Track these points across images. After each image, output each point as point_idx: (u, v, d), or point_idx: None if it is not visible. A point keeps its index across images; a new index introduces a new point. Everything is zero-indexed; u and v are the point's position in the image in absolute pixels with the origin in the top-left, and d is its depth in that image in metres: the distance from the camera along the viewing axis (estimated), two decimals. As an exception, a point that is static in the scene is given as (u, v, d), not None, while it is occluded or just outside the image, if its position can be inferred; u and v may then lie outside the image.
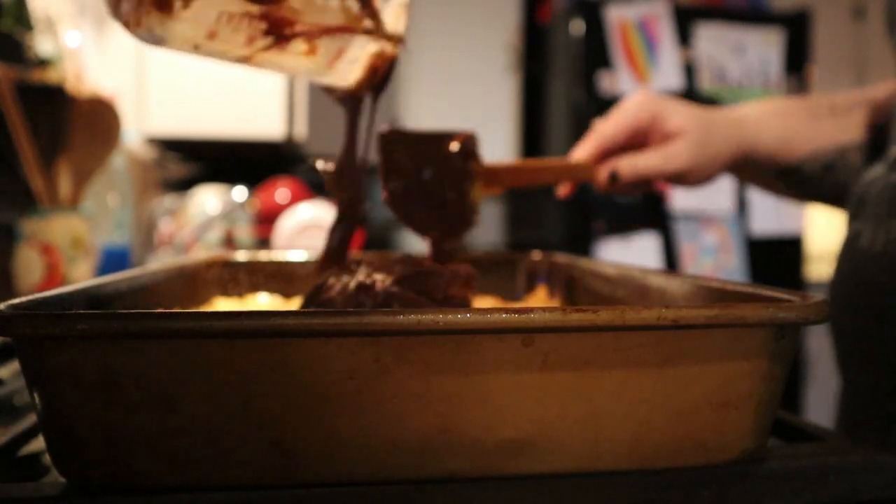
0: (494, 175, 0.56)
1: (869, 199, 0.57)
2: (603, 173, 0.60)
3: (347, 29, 0.40)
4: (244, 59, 0.40)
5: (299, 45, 0.39)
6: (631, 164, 0.59)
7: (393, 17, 0.43)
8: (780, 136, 0.62)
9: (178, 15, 0.36)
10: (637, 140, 0.61)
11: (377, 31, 0.42)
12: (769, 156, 0.62)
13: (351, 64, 0.43)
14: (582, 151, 0.62)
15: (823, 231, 2.66)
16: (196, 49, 0.39)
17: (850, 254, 0.58)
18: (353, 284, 0.42)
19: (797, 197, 0.68)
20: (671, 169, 0.59)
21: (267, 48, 0.39)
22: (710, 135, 0.60)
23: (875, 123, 0.62)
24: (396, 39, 0.44)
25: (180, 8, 0.35)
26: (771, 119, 0.63)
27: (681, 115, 0.60)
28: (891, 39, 0.58)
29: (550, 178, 0.63)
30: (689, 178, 0.61)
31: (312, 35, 0.39)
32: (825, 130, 0.62)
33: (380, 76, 0.45)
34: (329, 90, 0.47)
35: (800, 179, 0.63)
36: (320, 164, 0.48)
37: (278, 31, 0.38)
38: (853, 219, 0.59)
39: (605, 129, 0.60)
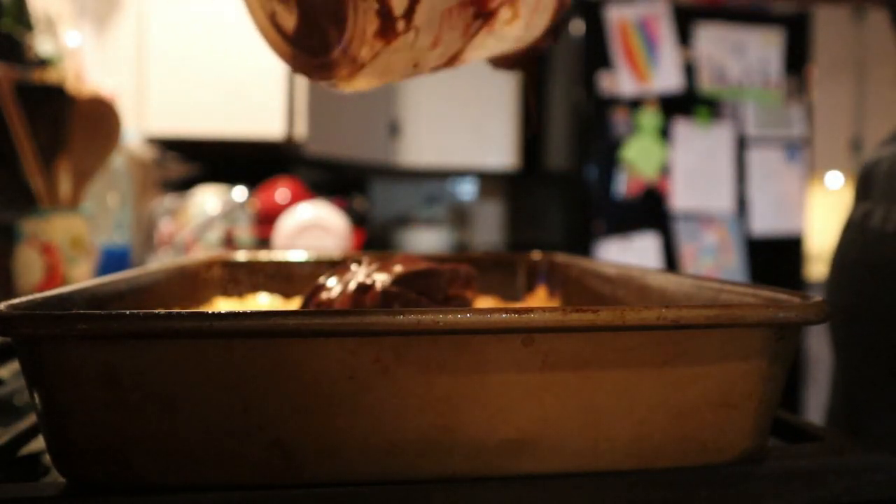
0: None
1: (877, 178, 0.56)
2: None
3: None
4: (455, 58, 0.39)
5: (505, 14, 0.38)
6: None
7: None
8: None
9: (400, 38, 0.35)
10: None
11: None
12: None
13: (542, 14, 0.41)
14: None
15: (823, 231, 2.66)
16: (416, 67, 0.37)
17: (858, 234, 0.57)
18: (353, 284, 0.42)
19: None
20: None
21: (478, 31, 0.37)
22: None
23: None
24: None
25: (402, 29, 0.34)
26: None
27: None
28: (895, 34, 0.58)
29: None
30: None
31: None
32: None
33: (561, 18, 0.43)
34: (503, 61, 0.45)
35: None
36: None
37: (485, 9, 0.37)
38: (860, 199, 0.59)
39: None
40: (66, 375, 0.26)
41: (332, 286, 0.43)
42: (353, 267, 0.44)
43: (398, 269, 0.43)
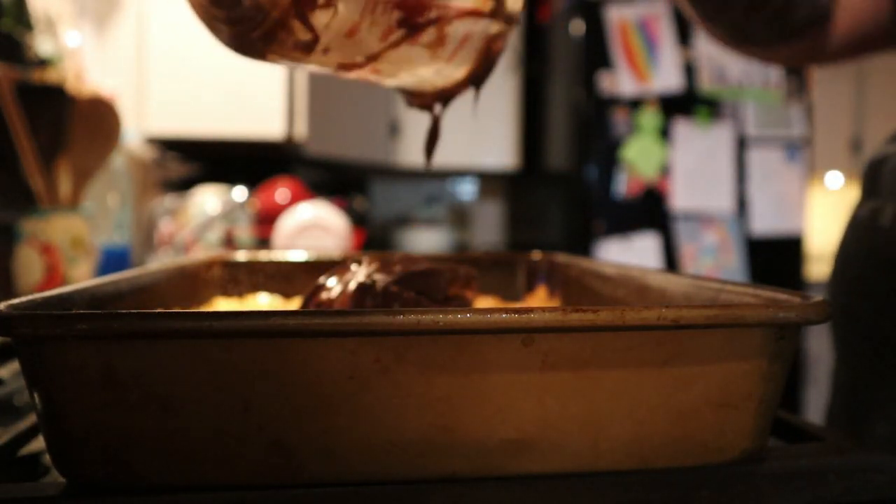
0: None
1: (884, 176, 0.56)
2: None
3: (476, 12, 0.38)
4: (370, 60, 0.38)
5: (430, 34, 0.37)
6: None
7: None
8: None
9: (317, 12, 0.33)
10: None
11: (500, 13, 0.39)
12: None
13: (467, 54, 0.41)
14: None
15: (823, 231, 2.66)
16: (325, 53, 0.36)
17: (865, 232, 0.56)
18: (353, 284, 0.42)
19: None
20: None
21: (399, 42, 0.36)
22: None
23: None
24: (514, 20, 0.41)
25: (324, 27, 0.34)
26: None
27: None
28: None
29: None
30: None
31: (444, 21, 0.37)
32: None
33: (489, 64, 0.42)
34: (416, 96, 0.45)
35: None
36: None
37: (413, 20, 0.36)
38: (866, 196, 0.58)
39: None
40: (66, 375, 0.26)
41: (332, 286, 0.43)
42: (353, 267, 0.44)
43: (398, 269, 0.43)
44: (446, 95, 0.45)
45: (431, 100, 0.45)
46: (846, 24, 0.58)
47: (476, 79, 0.43)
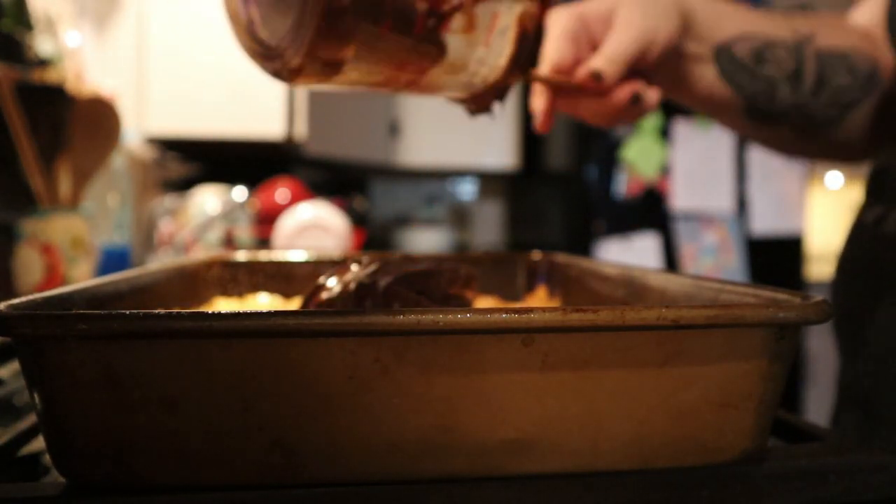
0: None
1: (890, 182, 0.56)
2: (623, 94, 0.56)
3: None
4: (414, 81, 0.39)
5: (459, 21, 0.37)
6: (603, 58, 0.54)
7: None
8: (714, 7, 0.59)
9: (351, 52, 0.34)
10: (588, 52, 0.56)
11: None
12: (705, 25, 0.58)
13: (502, 35, 0.40)
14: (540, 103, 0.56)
15: (823, 231, 2.66)
16: (356, 66, 0.37)
17: (870, 238, 0.56)
18: (353, 285, 0.42)
19: (734, 105, 0.61)
20: (634, 36, 0.53)
21: (431, 32, 0.37)
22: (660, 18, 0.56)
23: (824, 43, 0.58)
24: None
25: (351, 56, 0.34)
26: None
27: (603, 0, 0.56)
28: (891, 42, 0.57)
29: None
30: (652, 49, 0.55)
31: (467, 3, 0.37)
32: (752, 17, 0.59)
33: (528, 45, 0.42)
34: (474, 101, 0.45)
35: (732, 64, 0.58)
36: None
37: (438, 8, 0.36)
38: (871, 202, 0.58)
39: (560, 64, 0.55)
40: (66, 375, 0.26)
41: (332, 286, 0.43)
42: (354, 267, 0.44)
43: (398, 269, 0.43)
44: (499, 88, 0.44)
45: (489, 100, 0.45)
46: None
47: (519, 61, 0.43)
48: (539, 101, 0.56)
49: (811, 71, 0.58)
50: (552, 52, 0.55)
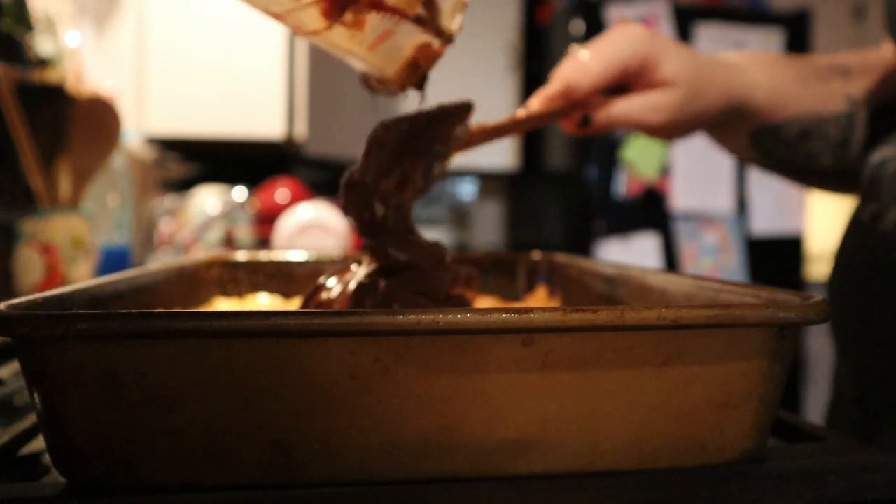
0: (474, 138, 0.52)
1: (885, 179, 0.55)
2: (574, 116, 0.54)
3: (399, 11, 0.38)
4: (286, 13, 0.38)
5: (347, 15, 0.37)
6: (606, 111, 0.52)
7: (449, 11, 0.40)
8: (773, 91, 0.56)
9: None
10: (621, 81, 0.54)
11: (429, 22, 0.39)
12: (758, 111, 0.56)
13: (391, 52, 0.40)
14: (543, 99, 0.54)
15: (823, 231, 2.66)
16: None
17: (866, 236, 0.56)
18: (352, 284, 0.42)
19: (758, 161, 0.61)
20: (654, 121, 0.53)
21: (311, 4, 0.36)
22: (704, 86, 0.53)
23: (876, 96, 0.57)
24: (446, 37, 0.41)
25: None
26: (762, 71, 0.57)
27: (677, 62, 0.52)
28: (891, 39, 0.57)
29: (526, 129, 0.57)
30: (667, 131, 0.55)
31: (363, 7, 0.37)
32: (811, 95, 0.57)
33: (419, 74, 0.42)
34: (368, 83, 0.45)
35: (773, 142, 0.57)
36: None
37: None
38: (867, 199, 0.58)
39: (591, 69, 0.52)
40: (66, 375, 0.26)
41: (332, 286, 0.43)
42: (353, 267, 0.44)
43: (398, 269, 0.43)
44: (385, 85, 0.45)
45: (377, 86, 0.45)
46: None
47: (403, 83, 0.43)
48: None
49: (860, 137, 0.57)
50: (598, 67, 0.52)
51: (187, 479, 0.27)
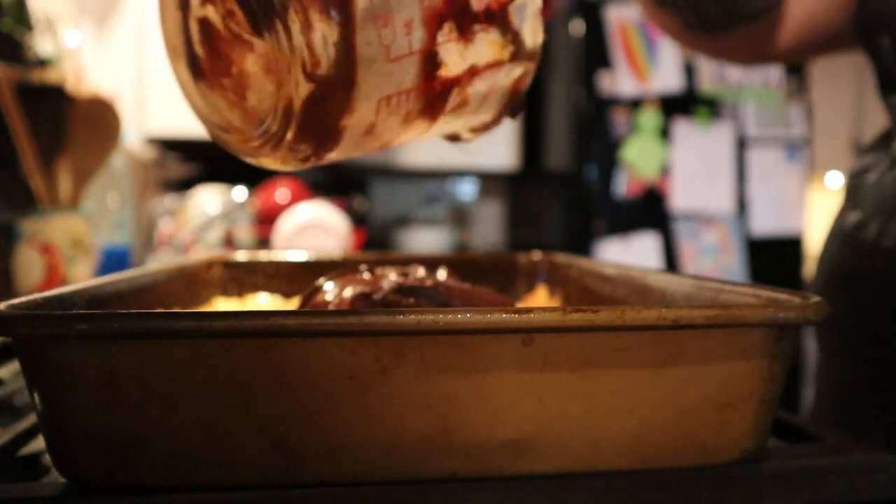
0: None
1: (866, 188, 0.56)
2: None
3: (495, 64, 0.35)
4: (389, 143, 0.36)
5: (453, 101, 0.34)
6: None
7: (531, 31, 0.38)
8: None
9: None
10: None
11: (521, 53, 0.37)
12: None
13: (494, 100, 0.38)
14: None
15: (823, 231, 2.66)
16: (357, 147, 0.33)
17: (849, 245, 0.56)
18: (349, 293, 0.42)
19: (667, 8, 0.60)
20: None
21: (421, 124, 0.34)
22: None
23: None
24: (537, 56, 0.39)
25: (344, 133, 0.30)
26: None
27: None
28: (857, 32, 0.57)
29: None
30: None
31: (464, 83, 0.34)
32: None
33: (519, 100, 0.40)
34: (457, 138, 0.43)
35: None
36: None
37: (434, 102, 0.33)
38: (849, 206, 0.58)
39: None
40: (66, 375, 0.26)
41: (330, 290, 0.43)
42: (349, 276, 0.44)
43: (396, 279, 0.43)
44: (479, 131, 0.43)
45: (467, 136, 0.44)
46: (799, 16, 0.59)
47: (503, 116, 0.41)
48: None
49: None
50: None
51: (187, 479, 0.27)
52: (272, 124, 0.30)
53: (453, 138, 0.44)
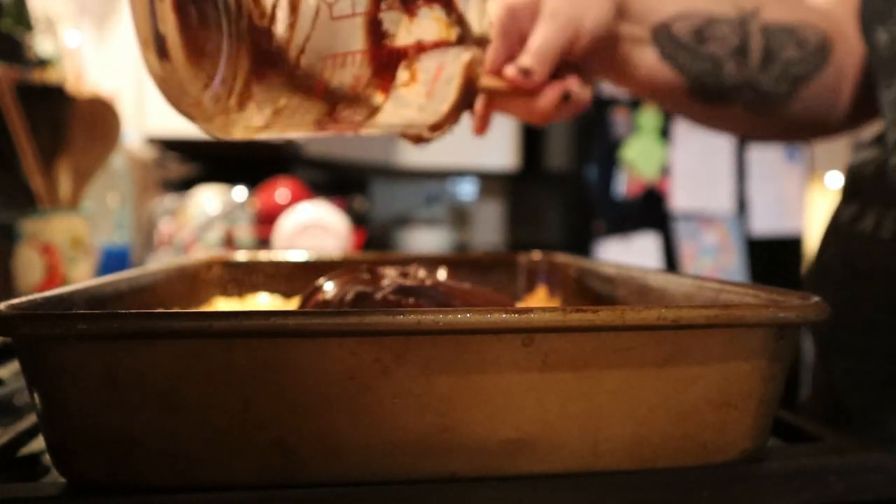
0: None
1: (864, 181, 0.56)
2: (555, 92, 0.52)
3: (442, 42, 0.37)
4: (345, 108, 0.37)
5: (401, 75, 0.36)
6: (530, 54, 0.50)
7: (476, 15, 0.39)
8: None
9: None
10: (520, 48, 0.51)
11: (468, 37, 0.38)
12: (641, 6, 0.55)
13: (446, 87, 0.40)
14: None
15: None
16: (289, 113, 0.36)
17: (846, 237, 0.56)
18: (349, 293, 0.42)
19: (678, 78, 0.58)
20: (558, 26, 0.50)
21: (369, 88, 0.36)
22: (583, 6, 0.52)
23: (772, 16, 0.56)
24: (486, 41, 0.40)
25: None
26: None
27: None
28: (863, 35, 0.57)
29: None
30: (580, 38, 0.52)
31: (410, 56, 0.36)
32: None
33: (472, 91, 0.41)
34: (418, 138, 0.44)
35: (672, 45, 0.56)
36: None
37: (380, 66, 0.35)
38: (847, 201, 0.58)
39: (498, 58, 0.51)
40: (66, 375, 0.26)
41: (330, 290, 0.43)
42: (349, 277, 0.44)
43: (395, 279, 0.43)
44: (439, 128, 0.44)
45: (427, 134, 0.45)
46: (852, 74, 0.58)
47: (461, 106, 0.42)
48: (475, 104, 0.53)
49: (757, 46, 0.56)
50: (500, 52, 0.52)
51: (187, 479, 0.27)
52: (226, 74, 0.32)
53: (416, 139, 0.45)
